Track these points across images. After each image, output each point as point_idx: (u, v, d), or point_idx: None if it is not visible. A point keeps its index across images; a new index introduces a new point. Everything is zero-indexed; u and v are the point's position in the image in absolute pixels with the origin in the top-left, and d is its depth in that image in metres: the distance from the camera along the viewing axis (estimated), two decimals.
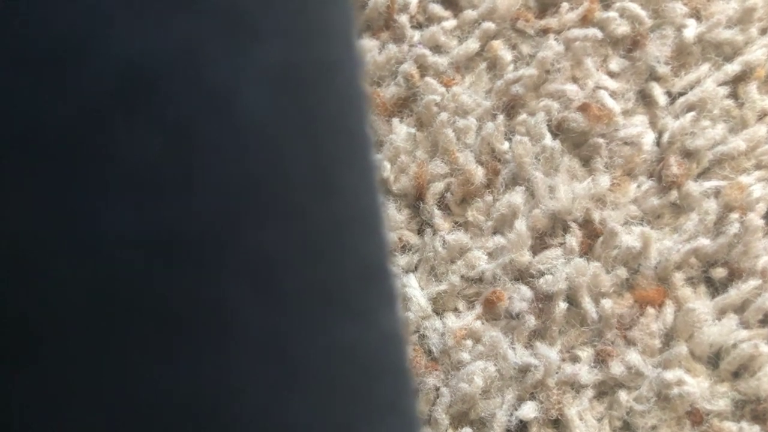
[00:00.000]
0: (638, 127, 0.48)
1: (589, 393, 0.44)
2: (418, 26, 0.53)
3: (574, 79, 0.50)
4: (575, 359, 0.45)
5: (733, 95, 0.48)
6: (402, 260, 0.49)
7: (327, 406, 0.18)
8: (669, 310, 0.45)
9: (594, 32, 0.50)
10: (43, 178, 0.16)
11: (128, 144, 0.16)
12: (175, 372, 0.16)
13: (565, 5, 0.51)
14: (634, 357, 0.44)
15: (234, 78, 0.17)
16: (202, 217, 0.17)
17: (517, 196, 0.48)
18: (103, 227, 0.16)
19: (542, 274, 0.46)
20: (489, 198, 0.49)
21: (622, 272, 0.46)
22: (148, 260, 0.16)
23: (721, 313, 0.44)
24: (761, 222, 0.45)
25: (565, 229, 0.47)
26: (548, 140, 0.48)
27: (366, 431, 0.19)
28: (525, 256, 0.47)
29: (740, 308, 0.44)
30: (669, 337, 0.45)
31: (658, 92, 0.49)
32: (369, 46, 0.51)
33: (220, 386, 0.17)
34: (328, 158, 0.19)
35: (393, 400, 0.20)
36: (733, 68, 0.48)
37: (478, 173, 0.49)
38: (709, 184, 0.47)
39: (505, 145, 0.49)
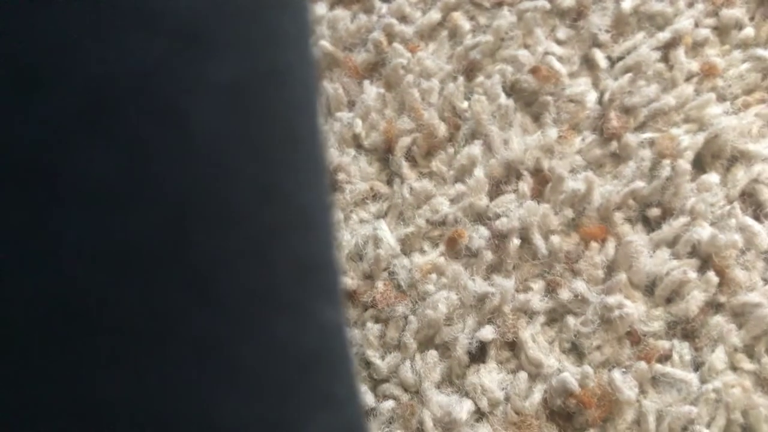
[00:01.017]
0: (582, 87, 0.54)
1: (541, 318, 0.50)
2: None
3: (526, 46, 0.56)
4: (528, 289, 0.50)
5: (665, 59, 0.55)
6: (373, 207, 0.54)
7: (261, 402, 0.19)
8: (610, 244, 0.51)
9: (543, 4, 0.56)
10: (1, 194, 0.16)
11: (85, 161, 0.17)
12: (122, 378, 0.17)
13: None
14: (580, 286, 0.50)
15: (188, 95, 0.18)
16: (154, 230, 0.17)
17: (475, 149, 0.53)
18: (60, 241, 0.17)
19: (498, 216, 0.52)
20: (450, 150, 0.54)
21: (569, 213, 0.51)
22: (102, 272, 0.17)
23: (656, 246, 0.50)
24: (689, 167, 0.51)
25: (518, 176, 0.53)
26: (503, 99, 0.54)
27: (299, 425, 0.20)
28: (483, 201, 0.52)
29: (672, 242, 0.50)
30: (611, 269, 0.50)
31: (599, 57, 0.55)
32: (341, 16, 0.57)
33: (163, 390, 0.18)
34: (274, 164, 0.19)
35: (329, 393, 0.21)
36: (664, 36, 0.55)
37: (441, 128, 0.54)
38: (645, 135, 0.53)
39: (465, 104, 0.55)
